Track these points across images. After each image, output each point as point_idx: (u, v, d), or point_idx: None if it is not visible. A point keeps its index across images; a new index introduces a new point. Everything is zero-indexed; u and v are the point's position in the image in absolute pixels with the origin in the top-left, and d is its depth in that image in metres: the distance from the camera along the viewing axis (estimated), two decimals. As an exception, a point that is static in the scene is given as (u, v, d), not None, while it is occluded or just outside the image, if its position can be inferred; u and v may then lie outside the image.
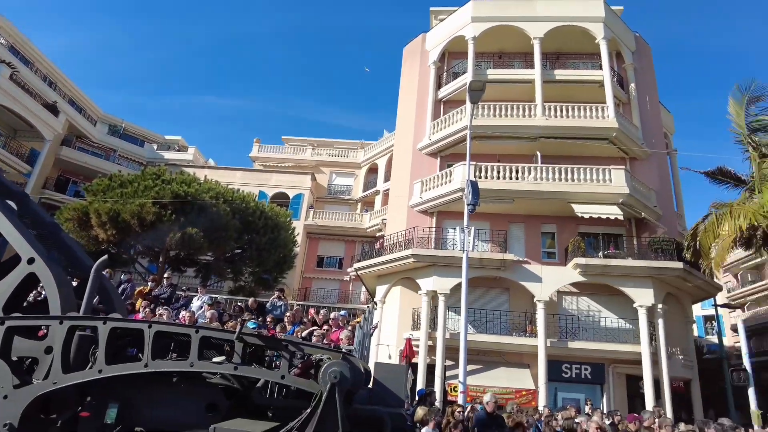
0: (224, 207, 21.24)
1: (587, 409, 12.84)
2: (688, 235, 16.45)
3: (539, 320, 17.10)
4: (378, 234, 27.56)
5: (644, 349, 16.43)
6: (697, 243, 15.16)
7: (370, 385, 3.89)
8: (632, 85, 21.99)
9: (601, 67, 20.80)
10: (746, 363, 18.26)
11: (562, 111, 19.64)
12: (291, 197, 32.04)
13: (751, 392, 17.55)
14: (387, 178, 29.41)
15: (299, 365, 3.64)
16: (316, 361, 3.57)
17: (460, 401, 11.26)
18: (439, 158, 21.49)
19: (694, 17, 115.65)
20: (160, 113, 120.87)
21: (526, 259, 18.61)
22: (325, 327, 9.95)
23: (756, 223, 13.57)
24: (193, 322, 8.22)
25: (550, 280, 17.82)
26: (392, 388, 3.74)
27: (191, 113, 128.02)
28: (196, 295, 10.58)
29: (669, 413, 14.42)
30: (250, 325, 9.08)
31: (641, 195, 18.89)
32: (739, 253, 20.92)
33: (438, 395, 15.26)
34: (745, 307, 32.07)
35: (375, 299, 20.51)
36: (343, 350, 4.12)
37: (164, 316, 8.63)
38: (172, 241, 19.76)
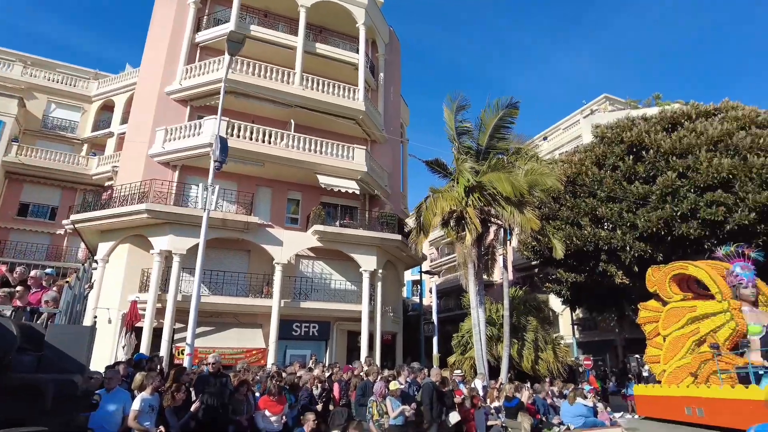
0: None
1: (311, 363, 13.97)
2: (414, 211, 19.40)
3: (276, 282, 17.68)
4: (107, 183, 23.86)
5: (364, 307, 18.65)
6: (421, 219, 18.09)
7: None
8: (381, 75, 24.35)
9: (357, 51, 22.27)
10: (434, 318, 22.89)
11: (318, 84, 20.31)
12: (-15, 124, 24.84)
13: (435, 340, 22.11)
14: (125, 120, 25.45)
15: None
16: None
17: (186, 364, 10.90)
18: (189, 107, 19.72)
19: (440, 31, 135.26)
20: None
21: (270, 223, 18.91)
22: (20, 288, 8.23)
23: (453, 207, 16.96)
24: None
25: (291, 245, 18.58)
26: (71, 352, 3.26)
27: None
28: None
29: (378, 361, 16.94)
30: None
31: (376, 175, 21.29)
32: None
33: (165, 359, 14.39)
34: (441, 274, 40.11)
35: (96, 257, 17.82)
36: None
37: None
38: None
